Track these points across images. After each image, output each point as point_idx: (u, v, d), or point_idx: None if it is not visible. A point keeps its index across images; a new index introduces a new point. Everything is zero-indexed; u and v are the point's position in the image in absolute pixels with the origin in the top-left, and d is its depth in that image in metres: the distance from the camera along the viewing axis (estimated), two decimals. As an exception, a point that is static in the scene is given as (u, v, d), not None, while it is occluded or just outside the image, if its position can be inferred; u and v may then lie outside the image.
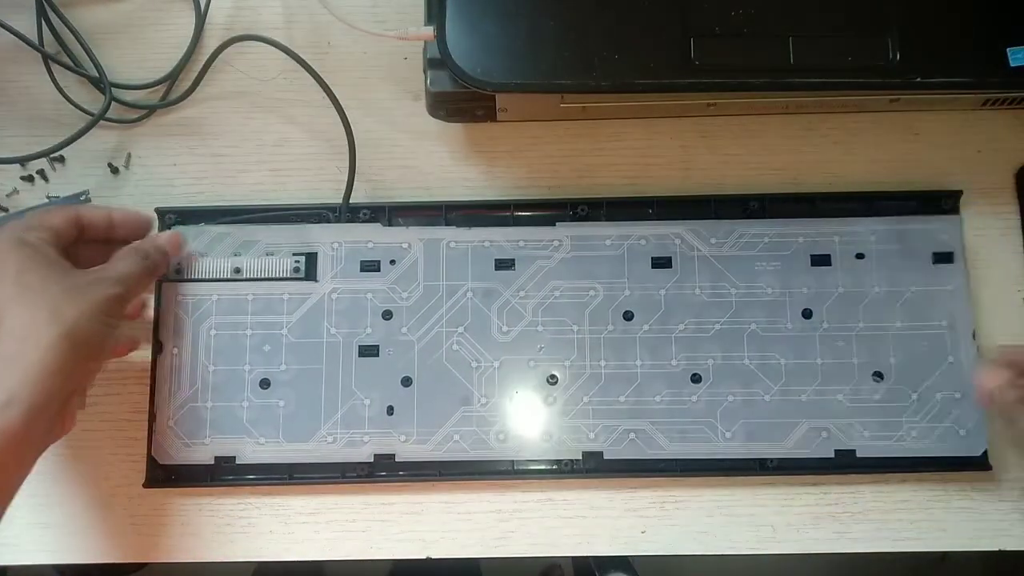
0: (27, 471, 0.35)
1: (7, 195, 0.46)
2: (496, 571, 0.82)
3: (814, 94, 0.43)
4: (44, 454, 0.35)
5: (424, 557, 0.42)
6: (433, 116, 0.45)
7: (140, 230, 0.41)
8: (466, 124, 0.46)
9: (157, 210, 0.44)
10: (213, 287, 0.43)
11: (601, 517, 0.43)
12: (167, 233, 0.42)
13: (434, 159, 0.46)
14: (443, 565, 0.55)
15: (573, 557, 0.84)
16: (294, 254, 0.44)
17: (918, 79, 0.40)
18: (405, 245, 0.44)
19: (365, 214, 0.44)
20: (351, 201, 0.44)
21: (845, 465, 0.42)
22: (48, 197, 0.46)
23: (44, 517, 0.43)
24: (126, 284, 0.37)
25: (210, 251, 0.44)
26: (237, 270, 0.43)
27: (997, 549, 0.42)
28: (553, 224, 0.44)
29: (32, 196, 0.46)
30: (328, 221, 0.44)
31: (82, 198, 0.46)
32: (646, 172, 0.46)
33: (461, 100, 0.43)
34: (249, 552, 0.42)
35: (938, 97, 0.44)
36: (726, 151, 0.46)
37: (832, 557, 0.43)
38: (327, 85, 0.44)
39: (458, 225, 0.44)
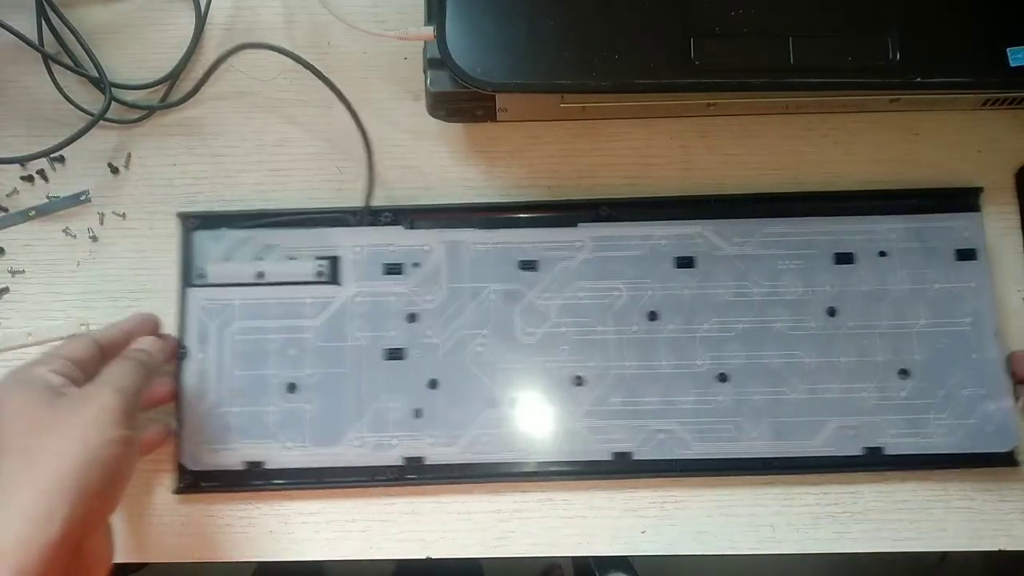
0: None
1: (7, 195, 0.46)
2: (496, 571, 0.82)
3: (814, 94, 0.43)
4: None
5: (424, 557, 0.42)
6: (433, 116, 0.45)
7: (153, 330, 0.41)
8: (466, 124, 0.46)
9: (179, 215, 0.44)
10: (236, 292, 0.43)
11: (601, 517, 0.43)
12: (151, 339, 0.40)
13: (434, 159, 0.46)
14: (445, 565, 0.55)
15: (573, 557, 0.84)
16: (317, 258, 0.43)
17: (918, 79, 0.40)
18: (427, 248, 0.44)
19: (386, 217, 0.44)
20: (372, 204, 0.44)
21: (875, 463, 0.42)
22: (48, 197, 0.46)
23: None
24: (128, 392, 0.35)
25: (232, 256, 0.44)
26: (260, 274, 0.43)
27: (997, 549, 0.42)
28: (575, 225, 0.44)
29: (32, 196, 0.46)
30: (349, 224, 0.44)
31: (82, 198, 0.46)
32: (646, 172, 0.46)
33: (461, 100, 0.43)
34: (248, 552, 0.42)
35: (938, 97, 0.44)
36: (726, 151, 0.46)
37: (832, 557, 0.43)
38: (337, 88, 0.44)
39: (480, 227, 0.44)
